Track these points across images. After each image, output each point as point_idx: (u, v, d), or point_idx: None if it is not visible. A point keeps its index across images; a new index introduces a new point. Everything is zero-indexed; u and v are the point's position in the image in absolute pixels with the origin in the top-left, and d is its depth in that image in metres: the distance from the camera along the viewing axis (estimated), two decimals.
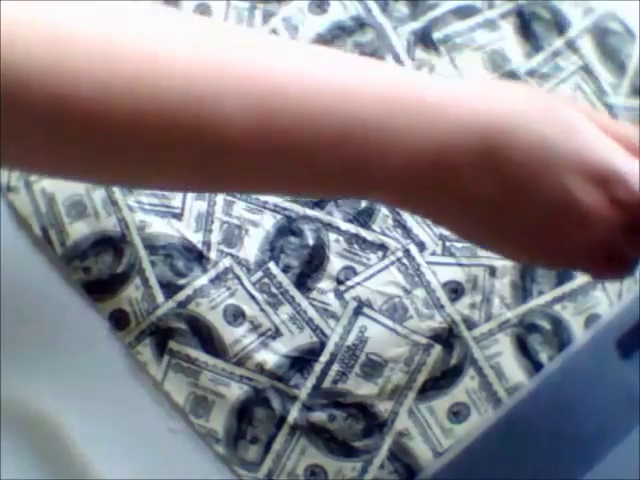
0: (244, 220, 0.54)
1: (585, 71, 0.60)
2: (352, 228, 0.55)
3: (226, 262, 0.54)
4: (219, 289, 0.53)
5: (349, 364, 0.53)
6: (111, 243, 0.53)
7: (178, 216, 0.54)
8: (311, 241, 0.55)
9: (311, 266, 0.54)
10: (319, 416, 0.53)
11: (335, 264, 0.54)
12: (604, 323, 0.56)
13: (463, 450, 0.53)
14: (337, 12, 0.58)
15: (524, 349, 0.55)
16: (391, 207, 0.54)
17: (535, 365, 0.55)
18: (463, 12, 0.59)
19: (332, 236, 0.55)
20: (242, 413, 0.52)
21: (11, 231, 0.53)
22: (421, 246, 0.55)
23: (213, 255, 0.54)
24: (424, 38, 0.59)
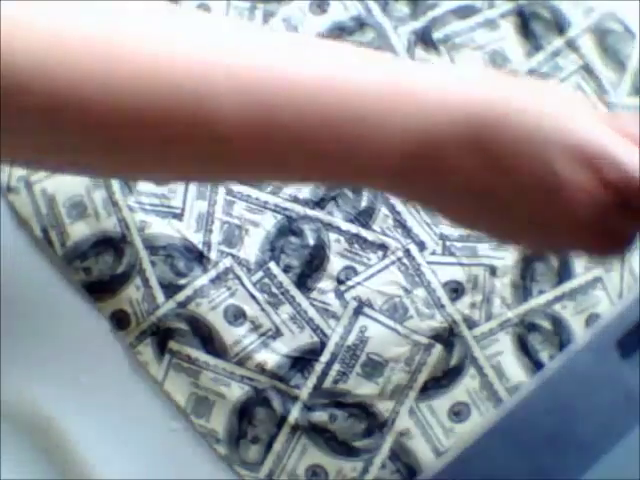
0: (244, 220, 0.54)
1: (585, 70, 0.60)
2: (352, 228, 0.55)
3: (226, 262, 0.54)
4: (219, 289, 0.53)
5: (350, 364, 0.53)
6: (111, 243, 0.53)
7: (178, 216, 0.54)
8: (311, 241, 0.55)
9: (311, 266, 0.54)
10: (320, 416, 0.53)
11: (335, 264, 0.54)
12: (604, 323, 0.56)
13: (464, 450, 0.53)
14: (337, 12, 0.58)
15: (524, 348, 0.55)
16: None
17: (535, 364, 0.55)
18: (463, 12, 0.59)
19: (332, 236, 0.55)
20: (243, 413, 0.52)
21: (11, 231, 0.53)
22: (421, 246, 0.55)
23: (213, 255, 0.54)
24: (424, 38, 0.59)
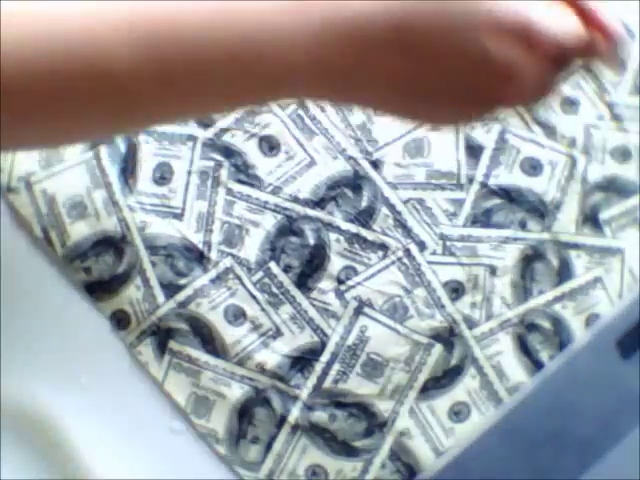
0: (245, 220, 0.54)
1: (585, 70, 0.60)
2: (353, 228, 0.55)
3: (227, 262, 0.54)
4: (220, 289, 0.53)
5: (350, 364, 0.53)
6: (112, 243, 0.53)
7: (179, 216, 0.54)
8: (312, 241, 0.55)
9: (312, 266, 0.54)
10: (320, 416, 0.53)
11: (336, 264, 0.54)
12: (604, 323, 0.56)
13: (464, 450, 0.53)
14: None
15: (524, 348, 0.55)
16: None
17: (535, 364, 0.55)
18: None
19: (333, 236, 0.55)
20: (243, 413, 0.52)
21: (11, 231, 0.53)
22: (421, 246, 0.55)
23: (214, 255, 0.53)
24: None
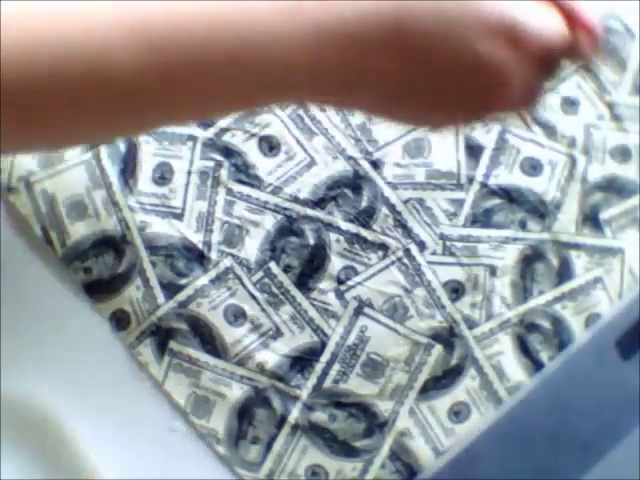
0: (245, 220, 0.54)
1: (586, 69, 0.60)
2: (353, 228, 0.55)
3: (227, 262, 0.54)
4: (220, 289, 0.53)
5: (350, 364, 0.53)
6: (112, 243, 0.53)
7: (179, 216, 0.54)
8: (312, 241, 0.55)
9: (312, 266, 0.54)
10: (320, 416, 0.53)
11: (336, 264, 0.54)
12: (604, 323, 0.56)
13: (464, 450, 0.53)
14: None
15: (524, 348, 0.55)
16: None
17: (535, 364, 0.55)
18: None
19: (333, 236, 0.55)
20: (243, 413, 0.52)
21: (11, 231, 0.53)
22: (421, 246, 0.55)
23: (214, 255, 0.53)
24: None
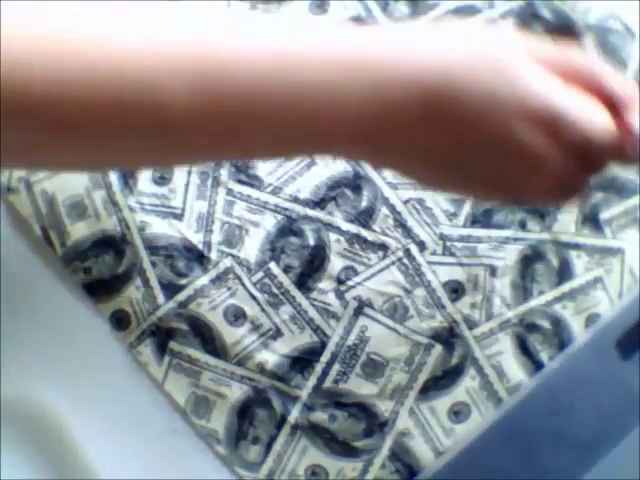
0: (245, 220, 0.54)
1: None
2: (353, 228, 0.55)
3: (227, 262, 0.54)
4: (220, 289, 0.53)
5: (350, 364, 0.53)
6: (112, 243, 0.53)
7: (179, 216, 0.54)
8: (312, 241, 0.55)
9: (312, 266, 0.54)
10: (320, 416, 0.53)
11: (336, 264, 0.54)
12: (604, 323, 0.56)
13: (464, 450, 0.53)
14: (337, 12, 0.58)
15: (524, 348, 0.55)
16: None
17: (535, 364, 0.55)
18: (463, 12, 0.59)
19: (333, 236, 0.55)
20: (243, 413, 0.52)
21: (11, 232, 0.53)
22: (421, 246, 0.55)
23: (214, 255, 0.53)
24: None
